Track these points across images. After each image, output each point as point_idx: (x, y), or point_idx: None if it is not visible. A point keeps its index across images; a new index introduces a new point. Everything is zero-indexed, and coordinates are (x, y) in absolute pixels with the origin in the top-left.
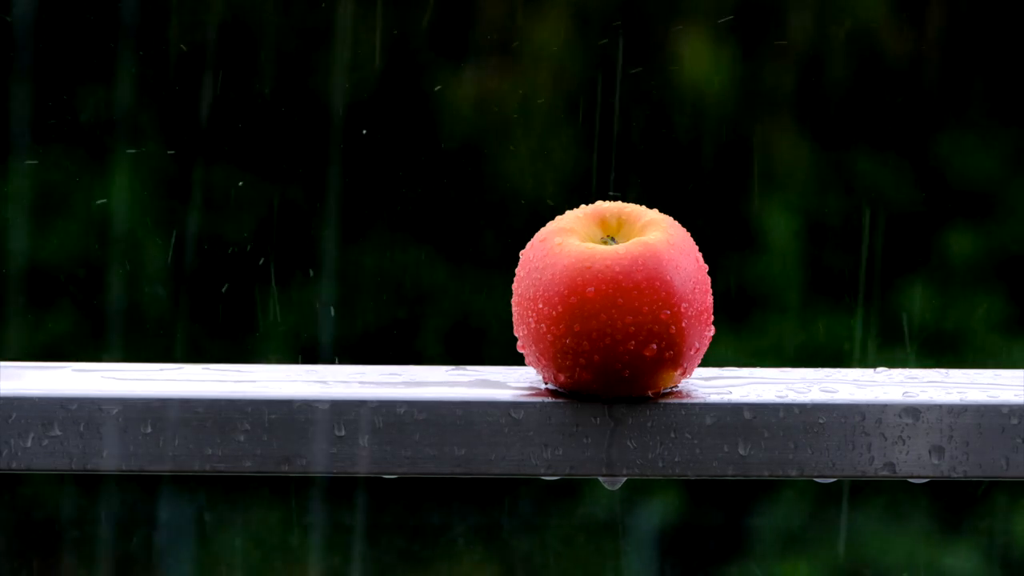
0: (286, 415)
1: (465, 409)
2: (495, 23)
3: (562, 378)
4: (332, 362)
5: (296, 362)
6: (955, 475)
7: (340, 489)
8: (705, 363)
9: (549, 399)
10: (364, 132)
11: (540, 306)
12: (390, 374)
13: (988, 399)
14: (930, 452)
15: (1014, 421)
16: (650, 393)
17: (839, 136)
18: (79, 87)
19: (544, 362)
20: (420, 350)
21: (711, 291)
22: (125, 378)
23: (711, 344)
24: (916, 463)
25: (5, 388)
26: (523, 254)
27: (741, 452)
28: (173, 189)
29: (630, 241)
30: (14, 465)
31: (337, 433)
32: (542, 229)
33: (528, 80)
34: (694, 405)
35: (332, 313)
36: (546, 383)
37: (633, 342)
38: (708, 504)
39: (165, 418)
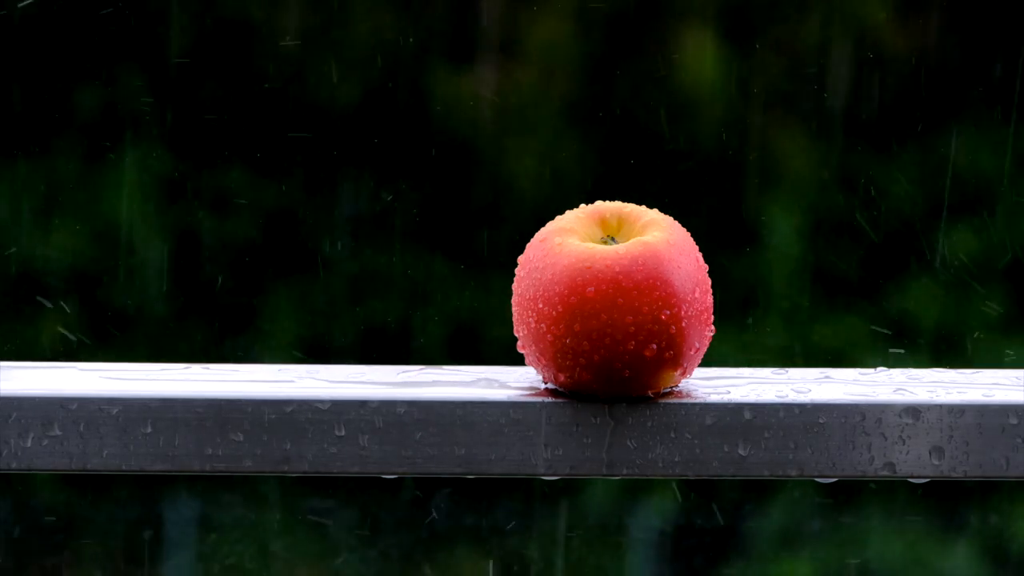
0: (286, 415)
1: (465, 409)
2: (495, 23)
3: (562, 378)
4: (332, 362)
5: (296, 362)
6: (955, 475)
7: (340, 489)
8: (705, 363)
9: (549, 399)
10: (364, 132)
11: (540, 306)
12: (390, 374)
13: (988, 399)
14: (930, 452)
15: (1014, 421)
16: (650, 393)
17: (840, 135)
18: (80, 86)
19: (544, 362)
20: (420, 350)
21: (711, 291)
22: (125, 378)
23: (711, 344)
24: (916, 463)
25: (5, 388)
26: (523, 254)
27: (741, 452)
28: (173, 189)
29: (630, 241)
30: (14, 465)
31: (337, 433)
32: (542, 229)
33: (528, 80)
34: (694, 405)
35: (332, 313)
36: (546, 383)
37: (633, 342)
38: (708, 504)
39: (165, 418)
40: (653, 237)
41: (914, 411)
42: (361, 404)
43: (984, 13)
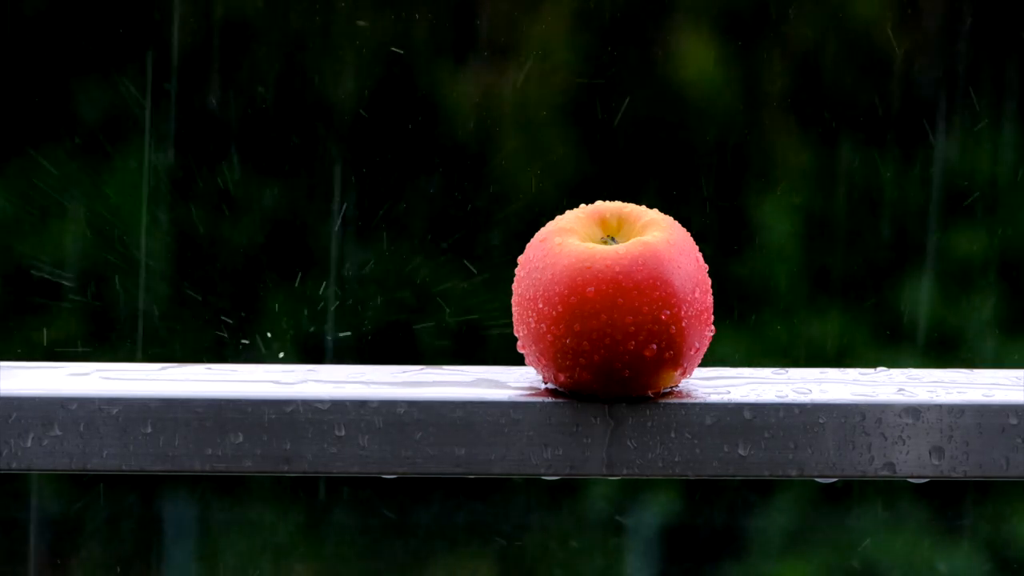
0: (286, 415)
1: (465, 409)
2: (495, 22)
3: (562, 378)
4: (332, 362)
5: (297, 362)
6: (955, 475)
7: (340, 489)
8: (705, 363)
9: (549, 399)
10: (365, 131)
11: (540, 306)
12: (390, 374)
13: (988, 399)
14: (930, 452)
15: (1014, 421)
16: (650, 393)
17: (839, 134)
18: (80, 86)
19: (544, 362)
20: (420, 350)
21: (711, 291)
22: (125, 378)
23: (711, 344)
24: (916, 463)
25: (5, 388)
26: (523, 254)
27: (741, 452)
28: (174, 189)
29: (630, 241)
30: (14, 465)
31: (337, 433)
32: (542, 229)
33: (528, 80)
34: (694, 405)
35: (332, 313)
36: (546, 383)
37: (633, 342)
38: (708, 504)
39: (165, 418)
40: (653, 237)
41: (914, 411)
42: (361, 404)
43: (984, 12)
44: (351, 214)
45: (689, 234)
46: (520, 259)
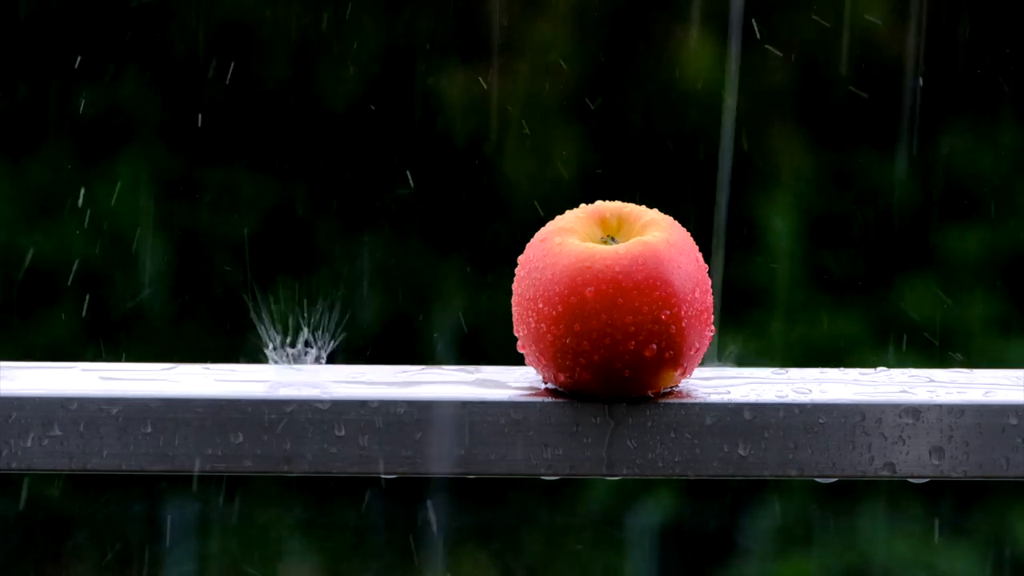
0: (286, 415)
1: (465, 409)
2: (495, 23)
3: (562, 378)
4: (332, 362)
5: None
6: (955, 475)
7: (340, 488)
8: (705, 363)
9: (549, 399)
10: (365, 131)
11: (540, 306)
12: (390, 374)
13: (988, 399)
14: (930, 452)
15: (1014, 421)
16: (650, 393)
17: (839, 135)
18: (79, 85)
19: (544, 362)
20: (420, 350)
21: (711, 291)
22: (125, 378)
23: (711, 344)
24: (916, 463)
25: (5, 388)
26: (523, 254)
27: (741, 452)
28: (173, 188)
29: (630, 241)
30: (14, 465)
31: (337, 433)
32: (542, 229)
33: (528, 80)
34: (694, 405)
35: (332, 312)
36: (546, 383)
37: (633, 342)
38: (708, 504)
39: (165, 418)
40: (653, 237)
41: (914, 411)
42: (361, 404)
43: (983, 12)
44: (351, 213)
45: (689, 234)
46: (520, 259)
